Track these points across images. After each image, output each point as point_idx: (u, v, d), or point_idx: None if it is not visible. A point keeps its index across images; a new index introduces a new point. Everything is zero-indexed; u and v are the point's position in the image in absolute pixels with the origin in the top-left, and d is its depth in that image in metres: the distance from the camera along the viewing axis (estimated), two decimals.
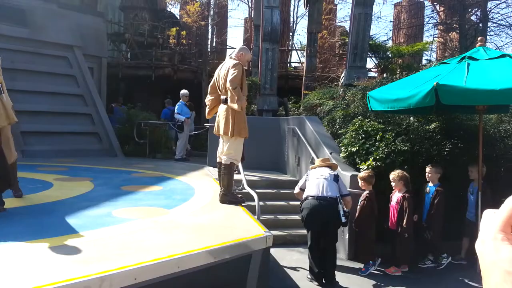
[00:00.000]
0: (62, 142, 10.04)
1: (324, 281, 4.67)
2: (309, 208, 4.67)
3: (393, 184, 5.20)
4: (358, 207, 5.19)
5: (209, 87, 5.21)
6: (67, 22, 11.71)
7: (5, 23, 10.42)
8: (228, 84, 4.72)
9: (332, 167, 5.12)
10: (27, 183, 6.00)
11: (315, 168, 5.11)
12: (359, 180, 5.27)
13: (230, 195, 5.01)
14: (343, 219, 4.63)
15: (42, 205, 4.60)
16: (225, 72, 4.85)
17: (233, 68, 4.77)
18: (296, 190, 5.16)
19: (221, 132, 4.89)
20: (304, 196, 4.85)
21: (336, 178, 4.86)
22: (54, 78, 10.99)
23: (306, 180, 5.00)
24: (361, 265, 5.19)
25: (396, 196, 5.22)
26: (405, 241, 5.07)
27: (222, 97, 4.94)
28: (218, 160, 5.10)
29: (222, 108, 4.93)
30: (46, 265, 2.76)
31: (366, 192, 5.20)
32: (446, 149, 5.92)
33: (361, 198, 5.21)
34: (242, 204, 5.01)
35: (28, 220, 3.88)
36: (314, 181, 4.80)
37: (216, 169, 5.49)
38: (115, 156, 10.38)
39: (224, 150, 4.94)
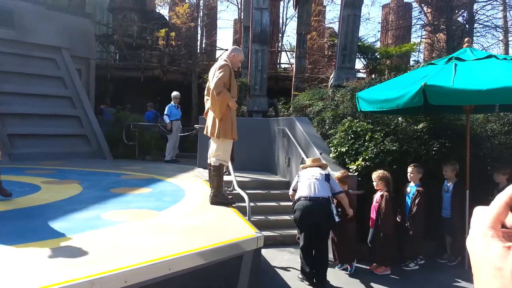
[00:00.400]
0: (50, 145, 9.93)
1: (315, 281, 4.68)
2: (301, 209, 4.66)
3: (374, 184, 5.26)
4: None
5: (205, 89, 5.12)
6: (55, 24, 11.59)
7: None
8: (212, 87, 4.67)
9: (322, 167, 5.12)
10: (14, 186, 5.92)
11: (305, 168, 5.11)
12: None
13: (221, 196, 4.98)
14: (337, 219, 4.62)
15: (30, 209, 4.54)
16: (212, 74, 4.80)
17: (219, 70, 4.68)
18: (290, 191, 5.15)
19: (209, 133, 4.88)
20: (296, 197, 4.84)
21: (327, 177, 4.84)
22: (42, 80, 10.87)
23: (297, 181, 4.98)
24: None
25: (376, 195, 5.28)
26: (385, 241, 5.10)
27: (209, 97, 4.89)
28: (208, 161, 5.06)
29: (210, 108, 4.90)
30: (34, 269, 2.73)
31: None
32: (434, 148, 5.99)
33: None
34: (233, 205, 5.01)
35: (15, 224, 3.83)
36: (306, 182, 4.79)
37: (207, 171, 5.48)
38: (104, 158, 10.29)
39: (213, 152, 4.91)
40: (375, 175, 5.25)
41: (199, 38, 17.86)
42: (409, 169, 5.44)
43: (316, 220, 4.64)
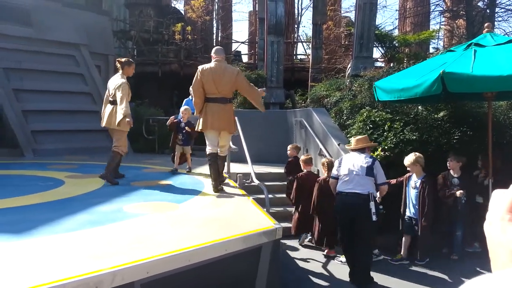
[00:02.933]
0: (72, 140, 10.15)
1: (352, 280, 4.44)
2: (339, 205, 4.48)
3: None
4: None
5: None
6: (72, 21, 11.77)
7: (10, 23, 10.53)
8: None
9: (368, 148, 4.70)
10: (38, 181, 6.10)
11: (349, 152, 4.76)
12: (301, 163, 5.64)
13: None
14: (374, 218, 4.26)
15: (54, 202, 4.67)
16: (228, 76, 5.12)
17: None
18: (330, 180, 4.81)
19: (228, 129, 5.30)
20: (336, 189, 4.57)
21: (371, 168, 4.39)
22: (61, 76, 11.09)
23: (339, 166, 4.59)
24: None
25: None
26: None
27: (218, 96, 5.13)
28: (215, 150, 5.35)
29: (228, 107, 5.21)
30: (58, 260, 2.81)
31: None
32: (455, 137, 5.88)
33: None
34: (252, 197, 5.07)
35: (40, 216, 3.95)
36: (345, 172, 4.46)
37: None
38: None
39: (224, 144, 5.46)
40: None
41: (214, 32, 17.85)
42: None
43: (352, 218, 4.36)
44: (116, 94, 5.69)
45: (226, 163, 6.21)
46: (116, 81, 5.84)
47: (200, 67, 5.19)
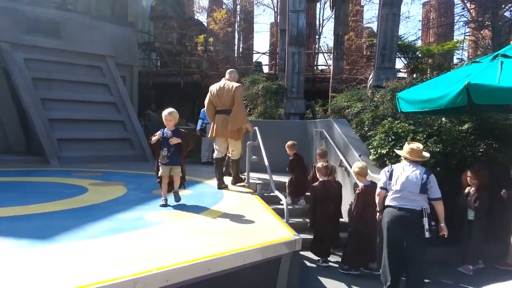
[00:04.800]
0: (97, 149, 10.37)
1: None
2: (389, 219, 4.16)
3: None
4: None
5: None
6: (99, 33, 12.13)
7: (41, 35, 10.92)
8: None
9: (422, 159, 4.29)
10: (63, 188, 6.25)
11: (402, 160, 4.42)
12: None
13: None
14: (427, 234, 3.97)
15: (78, 209, 4.77)
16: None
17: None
18: (377, 190, 4.45)
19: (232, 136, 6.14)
20: (386, 202, 4.28)
21: (425, 182, 4.09)
22: (88, 87, 11.40)
23: (389, 179, 4.28)
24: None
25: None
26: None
27: (223, 108, 6.07)
28: (220, 155, 6.29)
29: (228, 117, 6.01)
30: (81, 267, 2.86)
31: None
32: (481, 150, 5.73)
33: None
34: (271, 207, 5.07)
35: (63, 223, 4.03)
36: (397, 184, 4.17)
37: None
38: (147, 161, 10.62)
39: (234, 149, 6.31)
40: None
41: (236, 43, 18.05)
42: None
43: (403, 236, 4.11)
44: None
45: (246, 173, 6.73)
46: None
47: (210, 88, 6.24)
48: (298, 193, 6.77)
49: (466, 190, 5.32)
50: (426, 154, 4.37)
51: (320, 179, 5.61)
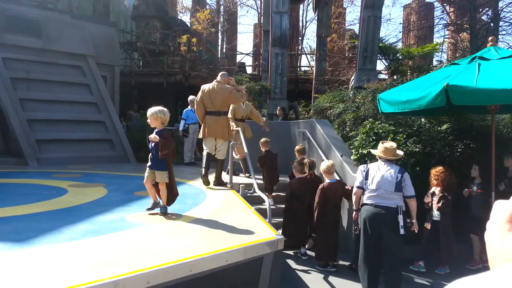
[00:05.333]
0: (77, 149, 10.21)
1: None
2: (366, 216, 4.27)
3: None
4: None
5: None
6: (80, 32, 11.94)
7: (20, 34, 10.69)
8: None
9: (396, 157, 4.43)
10: (42, 189, 6.13)
11: (377, 159, 4.49)
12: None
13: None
14: (402, 231, 4.08)
15: (57, 211, 4.69)
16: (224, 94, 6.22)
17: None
18: (354, 189, 4.56)
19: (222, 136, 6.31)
20: (363, 201, 4.40)
21: (399, 180, 4.21)
22: (68, 87, 11.20)
23: (365, 178, 4.37)
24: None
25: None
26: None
27: (213, 110, 6.22)
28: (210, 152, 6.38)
29: (221, 119, 6.23)
30: (60, 270, 2.82)
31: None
32: (459, 150, 5.86)
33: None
34: (254, 207, 5.07)
35: (42, 225, 3.96)
36: (373, 183, 4.28)
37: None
38: (128, 162, 10.51)
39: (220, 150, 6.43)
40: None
41: (220, 43, 18.01)
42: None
43: (380, 232, 4.21)
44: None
45: (229, 175, 6.76)
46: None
47: (202, 87, 6.33)
48: (266, 189, 6.74)
49: (431, 190, 5.35)
50: (400, 152, 4.52)
51: (297, 177, 5.91)
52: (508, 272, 0.46)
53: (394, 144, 4.50)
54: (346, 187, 5.44)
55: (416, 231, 4.34)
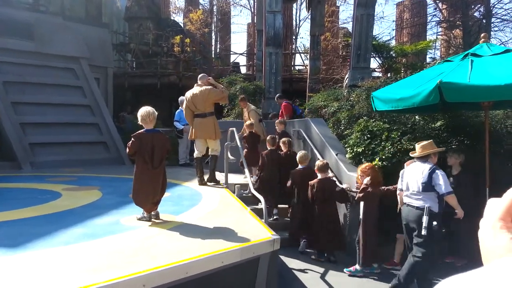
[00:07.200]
0: (70, 152, 10.14)
1: None
2: (402, 216, 4.47)
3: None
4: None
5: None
6: (73, 34, 11.87)
7: (12, 37, 10.61)
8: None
9: (433, 155, 4.44)
10: (36, 193, 6.09)
11: (413, 160, 4.53)
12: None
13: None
14: (423, 232, 4.10)
15: (51, 215, 4.65)
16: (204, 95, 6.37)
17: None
18: (397, 191, 4.65)
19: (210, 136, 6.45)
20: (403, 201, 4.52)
21: (428, 180, 4.18)
22: (61, 89, 11.13)
23: (401, 180, 4.53)
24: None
25: None
26: None
27: (199, 112, 6.37)
28: (200, 155, 6.57)
29: (207, 120, 6.35)
30: (55, 274, 2.79)
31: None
32: (453, 146, 5.88)
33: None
34: (250, 208, 5.07)
35: (36, 230, 3.92)
36: (405, 185, 4.43)
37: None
38: (123, 164, 10.45)
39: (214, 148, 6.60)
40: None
41: (213, 43, 17.97)
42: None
43: (409, 231, 4.39)
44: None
45: (224, 174, 6.89)
46: None
47: (186, 94, 6.57)
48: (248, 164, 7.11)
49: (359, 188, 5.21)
50: (428, 148, 4.37)
51: (269, 148, 6.75)
52: (500, 267, 0.46)
53: (424, 142, 4.48)
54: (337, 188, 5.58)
55: (461, 218, 4.30)
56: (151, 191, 4.25)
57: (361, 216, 5.07)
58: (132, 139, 4.26)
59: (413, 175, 4.35)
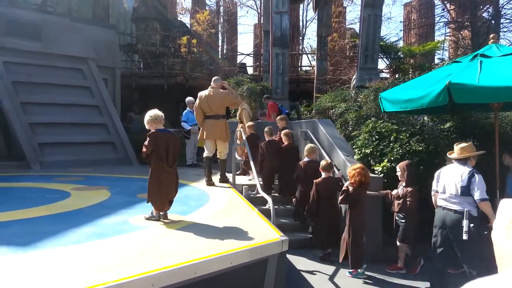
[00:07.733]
0: (79, 152, 10.20)
1: None
2: (435, 218, 4.30)
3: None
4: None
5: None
6: (80, 35, 11.95)
7: (20, 38, 10.70)
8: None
9: (471, 157, 4.27)
10: (45, 193, 6.13)
11: (451, 161, 4.36)
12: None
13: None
14: (465, 236, 3.93)
15: (60, 215, 4.69)
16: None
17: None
18: (432, 192, 4.48)
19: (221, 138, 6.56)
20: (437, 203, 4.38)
21: (467, 187, 4.02)
22: (69, 90, 11.21)
23: (437, 181, 4.36)
24: None
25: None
26: None
27: (212, 114, 6.49)
28: (210, 155, 6.71)
29: (220, 122, 6.47)
30: (64, 273, 2.81)
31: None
32: None
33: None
34: (257, 208, 5.07)
35: (46, 229, 3.95)
36: (442, 192, 4.25)
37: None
38: (131, 164, 10.50)
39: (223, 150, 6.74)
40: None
41: (220, 44, 18.00)
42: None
43: (446, 234, 4.18)
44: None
45: (231, 175, 6.99)
46: None
47: (199, 94, 6.63)
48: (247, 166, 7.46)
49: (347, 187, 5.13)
50: (468, 150, 4.22)
51: (267, 139, 7.02)
52: None
53: (464, 144, 4.29)
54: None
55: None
56: (169, 190, 4.32)
57: (347, 219, 4.98)
58: (148, 138, 4.28)
59: (451, 178, 4.16)
